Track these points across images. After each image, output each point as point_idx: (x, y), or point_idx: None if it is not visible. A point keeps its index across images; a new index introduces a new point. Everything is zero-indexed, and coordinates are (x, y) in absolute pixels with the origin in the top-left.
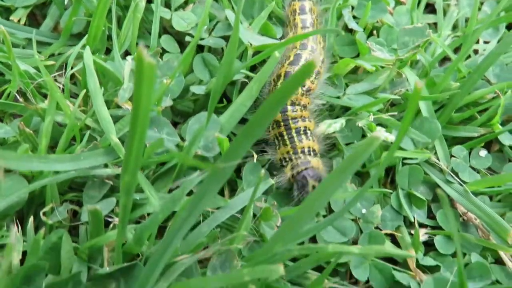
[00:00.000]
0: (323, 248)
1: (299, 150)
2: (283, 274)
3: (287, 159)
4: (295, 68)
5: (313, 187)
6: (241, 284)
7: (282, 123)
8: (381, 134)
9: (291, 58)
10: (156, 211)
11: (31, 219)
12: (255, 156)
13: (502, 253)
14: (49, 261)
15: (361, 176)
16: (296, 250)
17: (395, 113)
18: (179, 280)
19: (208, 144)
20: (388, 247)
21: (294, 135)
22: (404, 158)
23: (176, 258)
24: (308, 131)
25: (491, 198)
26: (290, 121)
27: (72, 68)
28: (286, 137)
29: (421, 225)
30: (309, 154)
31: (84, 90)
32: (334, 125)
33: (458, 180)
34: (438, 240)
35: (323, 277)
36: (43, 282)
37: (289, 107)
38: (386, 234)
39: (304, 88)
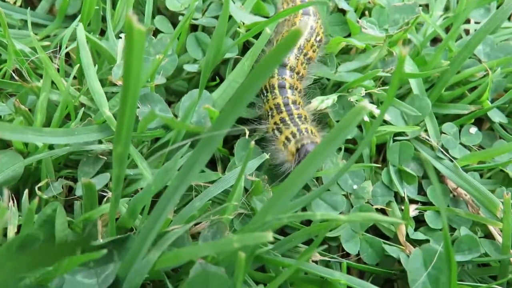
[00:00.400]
0: (311, 215)
1: (303, 130)
2: (272, 240)
3: (291, 138)
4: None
5: None
6: (231, 252)
7: (284, 108)
8: (368, 104)
9: None
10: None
11: (26, 191)
12: (247, 132)
13: (491, 228)
14: (43, 233)
15: (350, 152)
16: (286, 218)
17: (387, 87)
18: (171, 250)
19: (201, 119)
20: (375, 214)
21: (297, 120)
22: (395, 135)
23: (167, 228)
24: (309, 120)
25: (482, 175)
26: (292, 106)
27: (66, 47)
28: (289, 122)
29: (412, 201)
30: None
31: (78, 65)
32: (326, 101)
33: (449, 156)
34: (428, 215)
35: (312, 248)
36: None
37: (289, 91)
38: (377, 210)
39: (299, 75)
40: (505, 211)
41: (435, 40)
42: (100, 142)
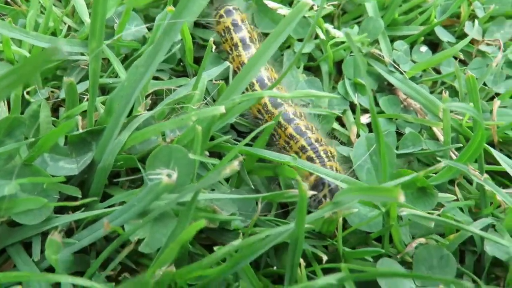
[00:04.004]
0: (260, 94)
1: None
2: (224, 112)
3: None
4: None
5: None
6: (192, 137)
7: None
8: (310, 1)
9: None
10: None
11: (14, 91)
12: (212, 40)
13: (435, 129)
14: (30, 127)
15: (312, 71)
16: (238, 98)
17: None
18: None
19: None
20: (315, 91)
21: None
22: (351, 52)
23: (136, 113)
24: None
25: (433, 92)
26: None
27: None
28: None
29: (366, 111)
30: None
31: None
32: (285, 10)
33: (400, 69)
34: (380, 121)
35: (265, 135)
36: (23, 136)
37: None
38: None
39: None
40: (444, 109)
41: None
42: (82, 55)
